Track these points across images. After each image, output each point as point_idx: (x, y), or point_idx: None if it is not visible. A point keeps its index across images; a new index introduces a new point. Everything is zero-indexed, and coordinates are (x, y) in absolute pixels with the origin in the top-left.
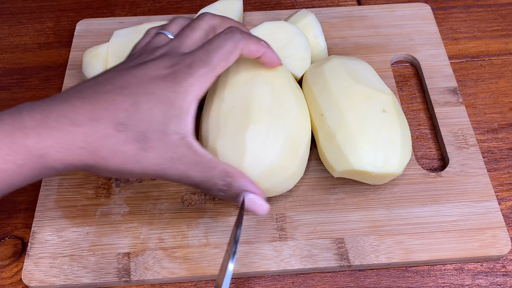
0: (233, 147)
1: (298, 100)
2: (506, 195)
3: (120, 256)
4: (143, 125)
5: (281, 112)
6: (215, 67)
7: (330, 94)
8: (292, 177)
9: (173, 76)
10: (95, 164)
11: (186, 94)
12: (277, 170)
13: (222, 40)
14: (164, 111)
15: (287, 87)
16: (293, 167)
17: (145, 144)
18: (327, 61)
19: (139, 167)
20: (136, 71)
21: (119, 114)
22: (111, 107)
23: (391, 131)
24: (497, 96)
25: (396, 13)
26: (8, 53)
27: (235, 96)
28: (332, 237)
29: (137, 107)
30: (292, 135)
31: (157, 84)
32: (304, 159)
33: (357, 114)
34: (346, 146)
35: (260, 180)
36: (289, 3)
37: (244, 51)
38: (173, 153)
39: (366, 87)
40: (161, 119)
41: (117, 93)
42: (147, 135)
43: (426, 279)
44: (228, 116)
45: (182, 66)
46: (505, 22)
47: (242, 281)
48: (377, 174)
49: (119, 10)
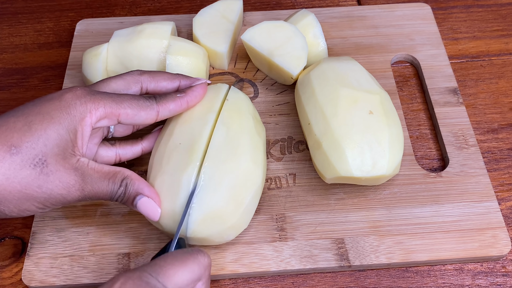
0: (169, 186)
1: (254, 146)
2: (506, 195)
3: (120, 257)
4: (39, 147)
5: (230, 157)
6: (120, 108)
7: (316, 102)
8: (232, 228)
9: (73, 100)
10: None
11: (81, 118)
12: (215, 219)
13: (139, 97)
14: (59, 132)
15: (244, 130)
16: (233, 218)
17: (43, 168)
18: (316, 66)
19: (41, 192)
20: (40, 97)
21: (11, 135)
22: (2, 129)
23: (378, 133)
24: (497, 96)
25: (396, 13)
26: (8, 53)
27: (184, 132)
28: (332, 237)
29: (30, 127)
30: (238, 184)
31: (52, 105)
32: (249, 209)
33: (343, 120)
34: (332, 154)
35: (195, 228)
36: (289, 3)
37: (163, 113)
38: (75, 175)
39: (352, 90)
40: (57, 141)
41: (11, 115)
42: (45, 158)
43: (426, 279)
44: (172, 153)
45: (85, 94)
46: (505, 22)
47: (242, 281)
48: (367, 178)
49: (119, 10)
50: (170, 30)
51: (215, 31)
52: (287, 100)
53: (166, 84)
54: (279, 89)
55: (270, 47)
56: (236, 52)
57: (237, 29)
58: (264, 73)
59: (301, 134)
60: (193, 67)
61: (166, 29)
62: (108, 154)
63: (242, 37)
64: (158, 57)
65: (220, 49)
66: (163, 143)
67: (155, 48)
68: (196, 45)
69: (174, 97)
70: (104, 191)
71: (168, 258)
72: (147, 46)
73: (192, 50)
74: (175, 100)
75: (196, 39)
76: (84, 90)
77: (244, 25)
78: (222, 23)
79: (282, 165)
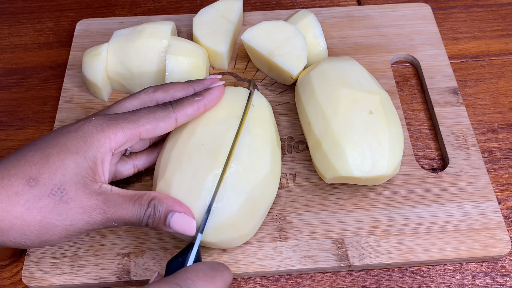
0: (189, 187)
1: (274, 158)
2: (506, 195)
3: (120, 256)
4: (57, 177)
5: (252, 167)
6: (139, 127)
7: (316, 102)
8: (243, 237)
9: (89, 129)
10: (6, 227)
11: (100, 145)
12: (229, 227)
13: (154, 108)
14: (78, 162)
15: (267, 140)
16: (246, 229)
17: (63, 196)
18: (316, 66)
19: (62, 219)
20: (57, 130)
21: (30, 168)
22: (21, 163)
23: (378, 133)
24: (497, 96)
25: (396, 13)
26: (8, 53)
27: (207, 133)
28: (332, 237)
29: (48, 159)
30: (256, 195)
31: (68, 137)
32: (260, 220)
33: (342, 120)
34: (332, 154)
35: (207, 234)
36: (289, 3)
37: (182, 118)
38: (96, 199)
39: (352, 90)
40: (75, 170)
41: (28, 150)
42: (64, 187)
43: (426, 279)
44: (194, 152)
45: (101, 122)
46: (505, 22)
47: (242, 281)
48: (367, 178)
49: (119, 10)
50: (170, 30)
51: (215, 31)
52: (287, 100)
53: (181, 96)
54: (279, 89)
55: (270, 47)
56: (236, 52)
57: (237, 29)
58: (264, 73)
59: (301, 134)
60: (193, 67)
61: (166, 29)
62: (127, 168)
63: (242, 37)
64: (158, 57)
65: (220, 49)
66: (182, 140)
67: (155, 48)
68: (196, 45)
69: (191, 101)
70: (130, 214)
71: (199, 273)
72: (147, 46)
73: (192, 50)
74: (192, 105)
75: (196, 39)
76: (99, 117)
77: (244, 25)
78: (222, 23)
79: (282, 165)
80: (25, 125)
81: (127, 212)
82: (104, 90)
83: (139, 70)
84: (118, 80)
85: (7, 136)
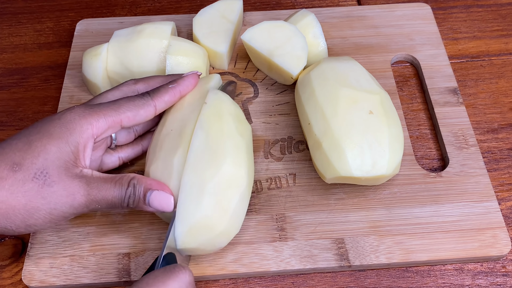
0: (162, 171)
1: (235, 148)
2: (506, 195)
3: (120, 257)
4: (39, 162)
5: (209, 163)
6: (120, 114)
7: (316, 102)
8: (222, 235)
9: (72, 117)
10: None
11: (82, 131)
12: (202, 228)
13: (134, 97)
14: (60, 146)
15: (223, 133)
16: (221, 225)
17: (46, 180)
18: (316, 66)
19: (46, 203)
20: (41, 120)
21: (13, 155)
22: (6, 151)
23: (378, 133)
24: (497, 96)
25: (396, 13)
26: (8, 53)
27: (175, 119)
28: (332, 237)
29: (31, 145)
30: (220, 189)
31: (51, 124)
32: (238, 213)
33: (342, 120)
34: (332, 154)
35: (183, 240)
36: (289, 3)
37: (160, 105)
38: (79, 181)
39: (352, 90)
40: (58, 154)
41: (13, 139)
42: (47, 171)
43: (426, 279)
44: (165, 139)
45: (83, 109)
46: (505, 22)
47: (242, 281)
48: (367, 178)
49: (119, 10)
50: (170, 30)
51: (215, 31)
52: (287, 100)
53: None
54: (279, 89)
55: (270, 47)
56: (236, 52)
57: (237, 29)
58: (264, 73)
59: (301, 134)
60: (193, 67)
61: (166, 29)
62: (112, 160)
63: (242, 37)
64: (158, 57)
65: (220, 49)
66: (157, 133)
67: (155, 48)
68: (196, 45)
69: (167, 88)
70: (112, 194)
71: (149, 279)
72: (147, 46)
73: (192, 50)
74: (168, 91)
75: (196, 39)
76: (82, 106)
77: (244, 25)
78: (222, 23)
79: (282, 165)
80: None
81: (109, 192)
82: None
83: (139, 70)
84: (118, 80)
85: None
